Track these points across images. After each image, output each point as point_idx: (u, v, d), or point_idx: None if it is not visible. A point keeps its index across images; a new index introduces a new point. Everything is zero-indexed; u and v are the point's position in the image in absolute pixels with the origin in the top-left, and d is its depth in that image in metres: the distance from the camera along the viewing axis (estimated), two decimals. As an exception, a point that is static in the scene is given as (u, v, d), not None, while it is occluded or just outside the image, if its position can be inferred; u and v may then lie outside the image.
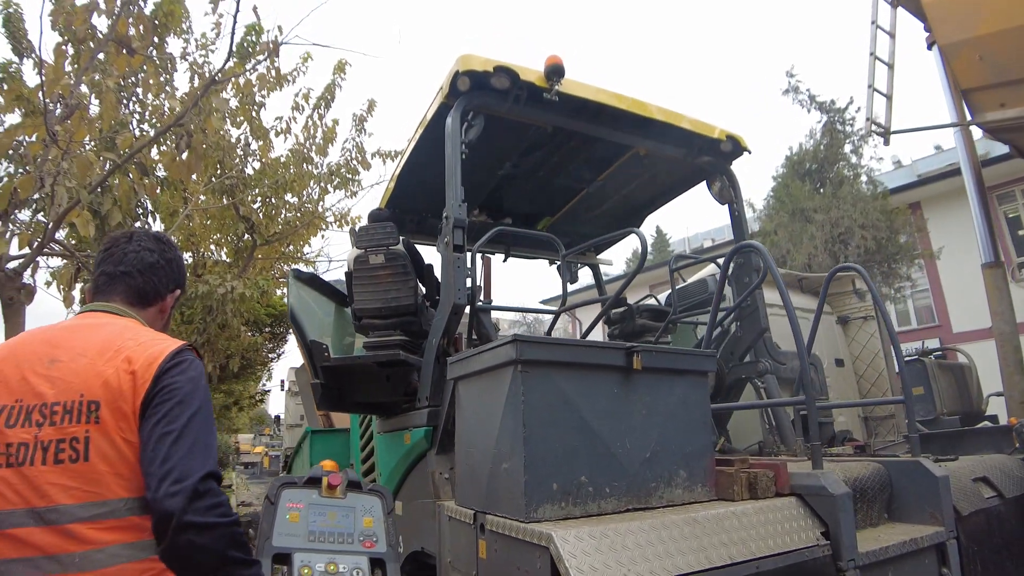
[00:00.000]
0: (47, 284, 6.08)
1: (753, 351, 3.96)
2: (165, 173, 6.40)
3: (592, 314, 3.63)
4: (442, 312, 3.10)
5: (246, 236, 8.84)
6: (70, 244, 5.89)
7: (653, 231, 36.31)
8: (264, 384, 19.83)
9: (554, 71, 3.23)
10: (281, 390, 16.95)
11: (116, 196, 5.04)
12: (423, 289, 3.82)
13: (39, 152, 4.50)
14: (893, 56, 5.48)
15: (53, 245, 4.83)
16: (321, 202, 9.23)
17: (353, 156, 9.08)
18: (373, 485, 1.56)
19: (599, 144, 4.00)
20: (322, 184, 9.07)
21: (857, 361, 6.34)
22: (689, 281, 5.68)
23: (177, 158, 5.08)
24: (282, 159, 8.78)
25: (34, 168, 4.47)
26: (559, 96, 3.29)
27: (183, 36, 7.22)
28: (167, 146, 5.86)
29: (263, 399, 24.49)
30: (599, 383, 1.99)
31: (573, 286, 5.85)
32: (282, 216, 9.12)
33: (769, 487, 2.11)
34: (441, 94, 3.31)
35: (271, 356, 14.84)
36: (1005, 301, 5.16)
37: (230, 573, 1.28)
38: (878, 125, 5.25)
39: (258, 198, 8.69)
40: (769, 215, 14.66)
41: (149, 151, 5.72)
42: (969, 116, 5.12)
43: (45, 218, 5.64)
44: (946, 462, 2.95)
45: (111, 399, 1.30)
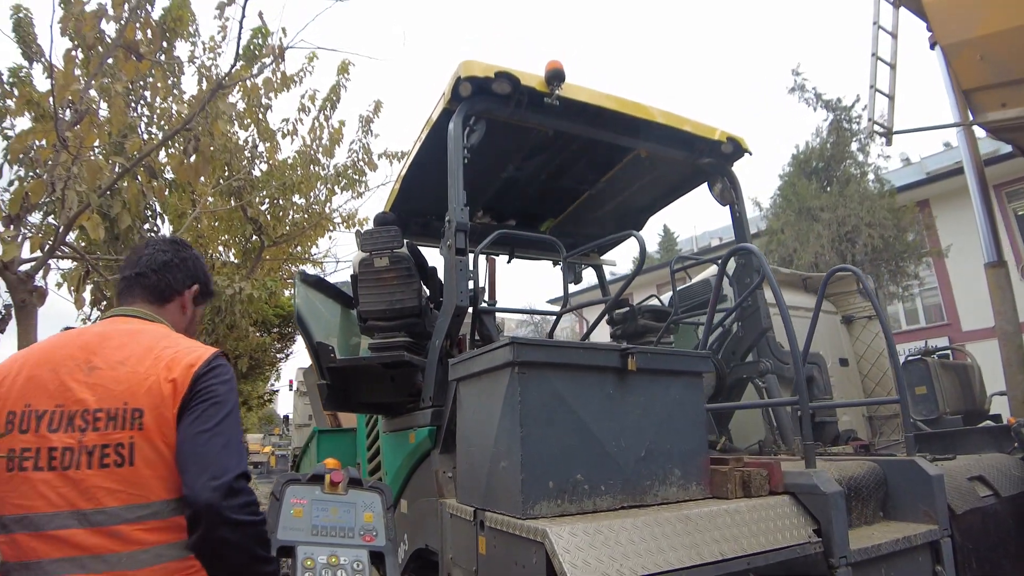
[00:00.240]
0: (57, 286, 6.17)
1: (756, 351, 3.99)
2: (173, 176, 6.48)
3: (597, 314, 3.67)
4: (445, 314, 3.15)
5: (254, 237, 8.93)
6: (80, 247, 5.98)
7: (660, 230, 36.24)
8: (272, 384, 19.98)
9: (554, 76, 3.28)
10: (290, 390, 17.08)
11: (125, 199, 5.12)
12: (427, 291, 3.88)
13: (49, 156, 4.58)
14: (895, 56, 5.49)
15: (63, 248, 4.91)
16: (328, 203, 9.29)
17: (360, 157, 9.13)
18: (373, 482, 1.62)
19: (601, 147, 4.04)
20: (329, 185, 9.12)
21: (862, 360, 6.34)
22: (693, 281, 5.71)
23: (185, 161, 5.15)
24: (289, 161, 8.84)
25: (45, 172, 4.57)
26: (560, 100, 3.33)
27: (190, 39, 7.31)
28: (175, 149, 5.95)
29: (271, 399, 24.68)
30: (595, 384, 2.04)
31: (579, 286, 5.91)
32: (289, 217, 9.19)
33: (763, 485, 2.15)
34: (443, 99, 3.36)
35: (279, 356, 14.96)
36: (1008, 300, 5.17)
37: (254, 569, 1.34)
38: (880, 125, 5.26)
39: (265, 200, 8.76)
40: (776, 214, 14.63)
41: (157, 154, 5.80)
42: (971, 116, 5.13)
43: (55, 221, 5.74)
44: (943, 461, 2.99)
45: (154, 406, 1.36)
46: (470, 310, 3.26)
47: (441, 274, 3.60)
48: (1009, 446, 3.76)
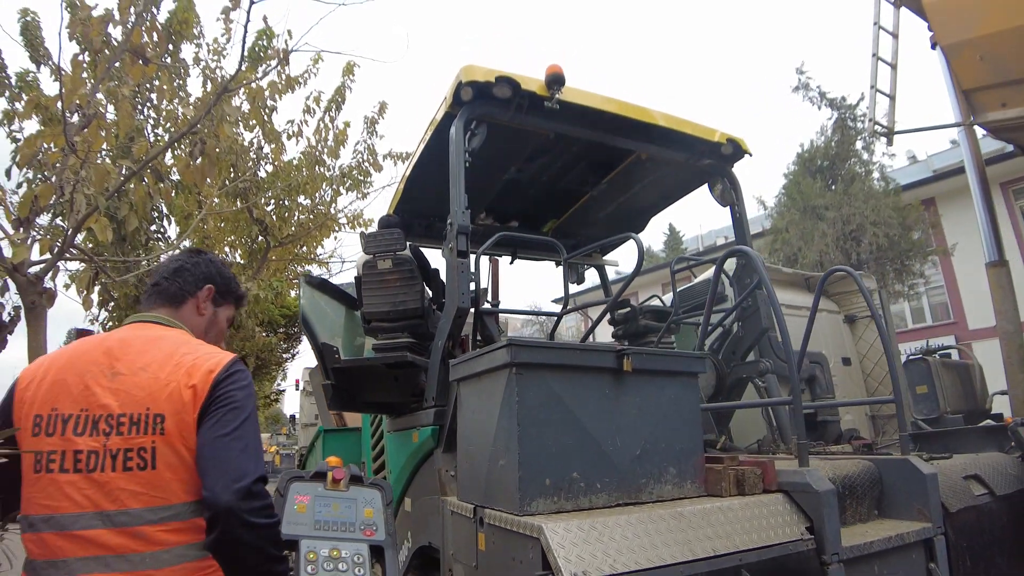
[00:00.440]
0: (65, 287, 6.25)
1: (757, 350, 4.03)
2: (180, 178, 6.56)
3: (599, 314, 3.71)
4: (447, 315, 3.20)
5: (260, 238, 9.01)
6: (87, 248, 6.05)
7: (666, 228, 36.23)
8: (279, 384, 20.07)
9: (554, 80, 3.32)
10: (296, 390, 17.18)
11: (132, 201, 5.19)
12: (430, 293, 3.93)
13: (58, 160, 4.65)
14: (896, 56, 5.50)
15: (72, 250, 4.98)
16: (333, 204, 9.35)
17: (365, 158, 9.19)
18: (374, 479, 1.69)
19: (601, 149, 4.08)
20: (334, 186, 9.18)
21: (865, 360, 6.35)
22: (696, 281, 5.74)
23: (191, 164, 5.21)
24: (294, 162, 8.91)
25: (54, 175, 4.63)
26: (560, 104, 3.38)
27: (195, 41, 7.38)
28: (181, 151, 6.02)
29: (278, 399, 24.84)
30: (591, 384, 2.08)
31: (583, 286, 5.96)
32: (295, 218, 9.25)
33: (756, 484, 2.19)
34: (445, 104, 3.41)
35: (285, 356, 15.03)
36: (1009, 300, 5.18)
37: (268, 568, 1.40)
38: (881, 125, 5.28)
39: (271, 201, 8.83)
40: (780, 213, 14.62)
41: (163, 157, 5.86)
42: (972, 116, 5.14)
43: (63, 222, 5.82)
44: (939, 460, 3.02)
45: (175, 411, 1.41)
46: (472, 311, 3.31)
47: (443, 276, 3.66)
48: (1007, 445, 3.78)
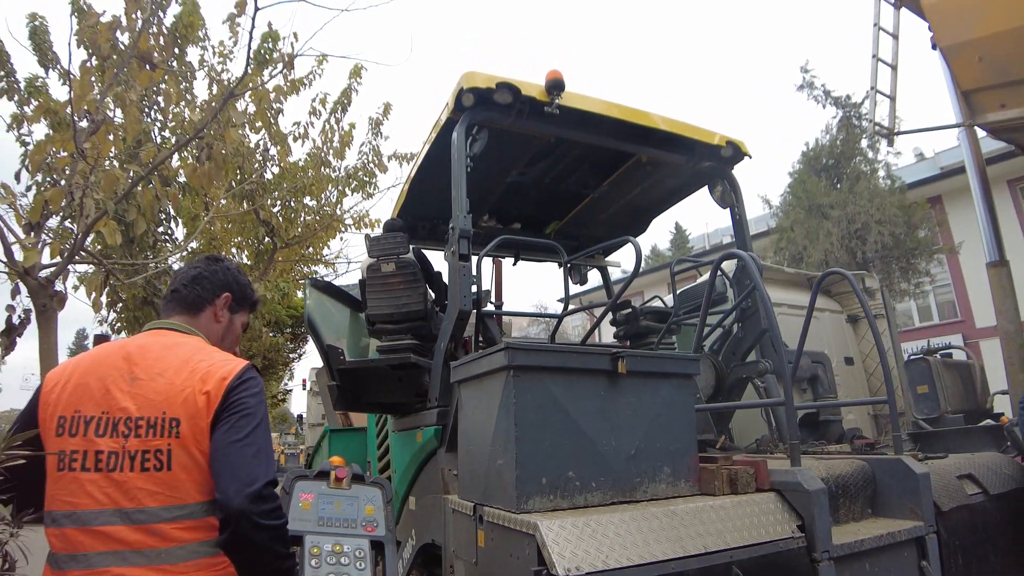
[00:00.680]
0: (74, 288, 6.35)
1: (758, 350, 4.07)
2: (187, 181, 6.63)
3: (608, 315, 3.77)
4: (449, 317, 3.26)
5: (266, 239, 9.09)
6: (96, 251, 6.14)
7: (672, 227, 36.14)
8: (286, 384, 20.21)
9: (554, 85, 3.37)
10: (303, 389, 17.32)
11: (140, 204, 5.27)
12: (432, 295, 3.99)
13: (67, 164, 4.74)
14: (896, 57, 5.52)
15: (81, 253, 5.07)
16: (339, 205, 9.42)
17: (370, 159, 9.26)
18: (374, 478, 1.77)
19: (602, 151, 4.12)
20: (340, 187, 9.26)
21: (867, 359, 6.38)
22: (699, 281, 5.78)
23: (198, 168, 5.29)
24: (300, 163, 8.99)
25: (62, 178, 4.72)
26: (560, 109, 3.43)
27: (200, 44, 7.46)
28: (188, 154, 6.10)
29: (285, 398, 25.02)
30: (587, 386, 2.14)
31: (588, 286, 6.01)
32: (301, 219, 9.33)
33: (749, 483, 2.24)
34: (447, 110, 3.47)
35: (292, 356, 15.14)
36: (1009, 300, 5.20)
37: (276, 565, 1.48)
38: (881, 127, 5.30)
39: (277, 202, 8.91)
40: (785, 212, 14.61)
41: (170, 161, 5.94)
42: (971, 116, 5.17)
43: (71, 224, 5.91)
44: (934, 460, 3.06)
45: (189, 416, 1.49)
46: (474, 313, 3.37)
47: (446, 278, 3.72)
48: (1004, 445, 3.82)
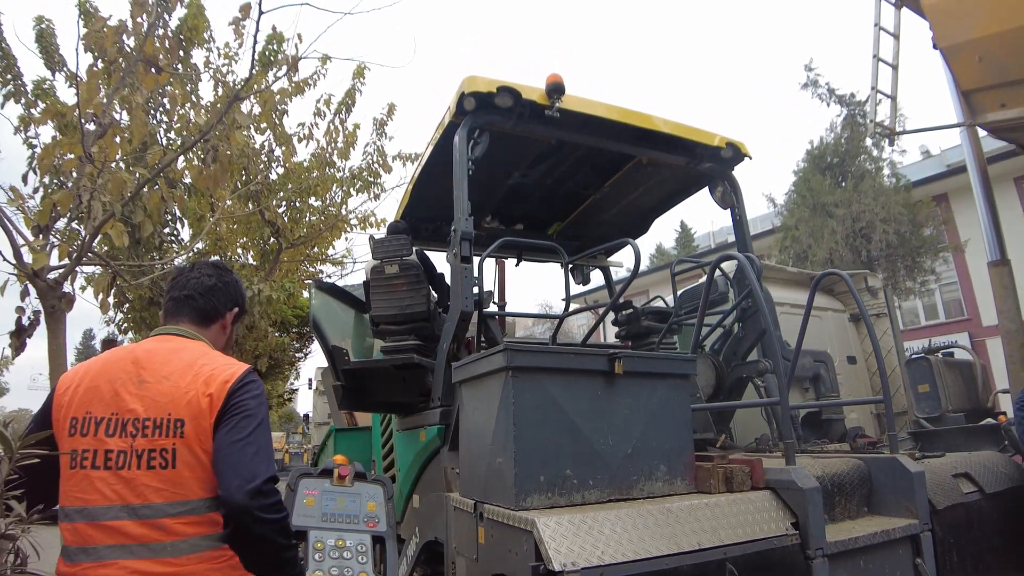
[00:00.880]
0: (81, 289, 6.43)
1: (760, 350, 4.10)
2: (192, 182, 6.70)
3: (611, 315, 3.81)
4: (451, 318, 3.31)
5: (272, 240, 9.16)
6: (103, 252, 6.21)
7: (677, 225, 36.12)
8: (292, 383, 20.31)
9: (554, 89, 3.41)
10: (309, 389, 17.43)
11: (147, 206, 5.33)
12: (435, 296, 4.04)
13: (74, 166, 4.80)
14: (897, 57, 5.54)
15: (88, 254, 5.13)
16: (344, 205, 9.47)
17: (374, 160, 9.31)
18: (376, 475, 1.83)
19: (603, 153, 4.16)
20: (344, 187, 9.31)
21: (870, 358, 6.40)
22: (701, 281, 5.81)
23: (204, 170, 5.35)
24: (305, 164, 9.04)
25: (69, 181, 4.78)
26: (560, 112, 3.47)
27: (205, 46, 7.52)
28: (194, 155, 6.15)
29: (291, 398, 25.24)
30: (584, 386, 2.19)
31: (592, 285, 6.05)
32: (306, 219, 9.39)
33: (744, 481, 2.28)
34: (449, 113, 3.52)
35: (298, 356, 15.22)
36: (1010, 299, 5.21)
37: (278, 556, 1.56)
38: (881, 127, 5.32)
39: (282, 202, 8.97)
40: (790, 210, 14.60)
41: (176, 163, 6.00)
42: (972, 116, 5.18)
43: (79, 226, 5.98)
44: (930, 459, 3.09)
45: (193, 417, 1.56)
46: (476, 314, 3.42)
47: (448, 279, 3.76)
48: (1002, 444, 3.84)
